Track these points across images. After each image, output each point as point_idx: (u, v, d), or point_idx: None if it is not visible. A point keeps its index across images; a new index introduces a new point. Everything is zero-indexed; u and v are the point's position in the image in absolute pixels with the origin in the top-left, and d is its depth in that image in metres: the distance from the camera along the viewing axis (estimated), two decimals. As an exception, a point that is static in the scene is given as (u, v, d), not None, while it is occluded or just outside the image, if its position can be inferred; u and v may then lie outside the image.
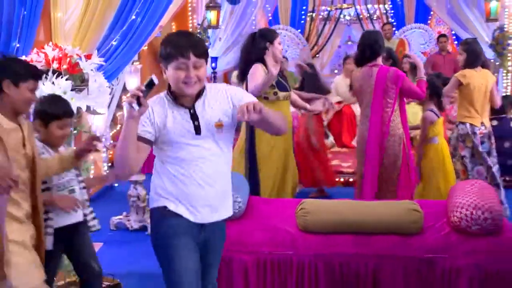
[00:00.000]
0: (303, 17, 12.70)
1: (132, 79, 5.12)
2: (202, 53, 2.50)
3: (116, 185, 6.84)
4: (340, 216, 3.59)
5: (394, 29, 11.34)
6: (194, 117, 2.56)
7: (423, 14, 12.08)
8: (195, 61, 2.46)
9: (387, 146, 4.79)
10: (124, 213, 5.43)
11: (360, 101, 5.01)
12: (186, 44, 2.45)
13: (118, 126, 6.97)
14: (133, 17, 3.87)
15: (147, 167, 7.29)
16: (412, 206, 3.64)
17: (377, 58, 4.86)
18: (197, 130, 2.56)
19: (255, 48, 4.68)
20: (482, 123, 5.30)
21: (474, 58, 5.28)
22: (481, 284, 3.36)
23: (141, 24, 3.92)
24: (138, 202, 5.26)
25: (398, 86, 4.73)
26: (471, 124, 5.26)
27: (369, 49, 4.85)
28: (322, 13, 13.06)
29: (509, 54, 9.08)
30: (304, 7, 12.69)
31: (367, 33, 5.22)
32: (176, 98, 2.58)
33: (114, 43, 4.04)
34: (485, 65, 5.41)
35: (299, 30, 12.13)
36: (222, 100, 2.62)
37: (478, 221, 3.44)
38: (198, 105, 2.58)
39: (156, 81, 2.60)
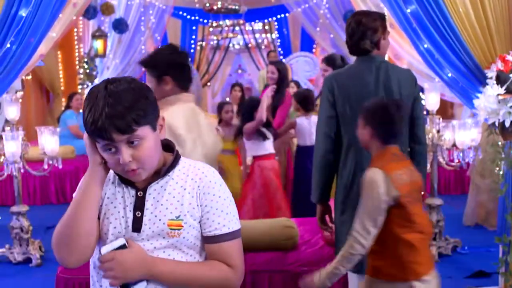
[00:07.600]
0: (193, 46, 12.92)
1: (11, 108, 5.01)
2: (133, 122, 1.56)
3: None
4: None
5: (281, 56, 11.82)
6: (138, 204, 1.67)
7: (308, 43, 12.67)
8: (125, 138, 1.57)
9: None
10: (7, 246, 5.27)
11: None
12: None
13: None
14: (8, 45, 3.83)
15: (33, 199, 7.15)
16: (288, 223, 3.85)
17: None
18: (136, 224, 1.66)
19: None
20: None
21: None
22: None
23: (16, 53, 3.89)
24: (21, 233, 5.13)
25: None
26: None
27: None
28: (211, 42, 13.35)
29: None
30: (193, 36, 12.92)
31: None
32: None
33: (-13, 72, 3.96)
34: None
35: (189, 59, 12.33)
36: (190, 194, 1.69)
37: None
38: (153, 189, 1.68)
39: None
